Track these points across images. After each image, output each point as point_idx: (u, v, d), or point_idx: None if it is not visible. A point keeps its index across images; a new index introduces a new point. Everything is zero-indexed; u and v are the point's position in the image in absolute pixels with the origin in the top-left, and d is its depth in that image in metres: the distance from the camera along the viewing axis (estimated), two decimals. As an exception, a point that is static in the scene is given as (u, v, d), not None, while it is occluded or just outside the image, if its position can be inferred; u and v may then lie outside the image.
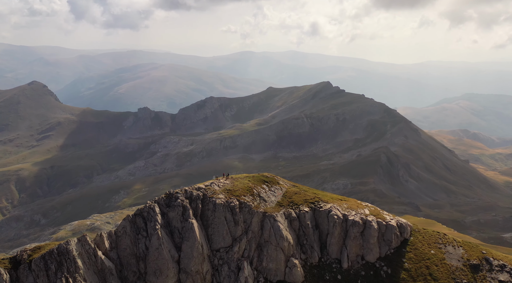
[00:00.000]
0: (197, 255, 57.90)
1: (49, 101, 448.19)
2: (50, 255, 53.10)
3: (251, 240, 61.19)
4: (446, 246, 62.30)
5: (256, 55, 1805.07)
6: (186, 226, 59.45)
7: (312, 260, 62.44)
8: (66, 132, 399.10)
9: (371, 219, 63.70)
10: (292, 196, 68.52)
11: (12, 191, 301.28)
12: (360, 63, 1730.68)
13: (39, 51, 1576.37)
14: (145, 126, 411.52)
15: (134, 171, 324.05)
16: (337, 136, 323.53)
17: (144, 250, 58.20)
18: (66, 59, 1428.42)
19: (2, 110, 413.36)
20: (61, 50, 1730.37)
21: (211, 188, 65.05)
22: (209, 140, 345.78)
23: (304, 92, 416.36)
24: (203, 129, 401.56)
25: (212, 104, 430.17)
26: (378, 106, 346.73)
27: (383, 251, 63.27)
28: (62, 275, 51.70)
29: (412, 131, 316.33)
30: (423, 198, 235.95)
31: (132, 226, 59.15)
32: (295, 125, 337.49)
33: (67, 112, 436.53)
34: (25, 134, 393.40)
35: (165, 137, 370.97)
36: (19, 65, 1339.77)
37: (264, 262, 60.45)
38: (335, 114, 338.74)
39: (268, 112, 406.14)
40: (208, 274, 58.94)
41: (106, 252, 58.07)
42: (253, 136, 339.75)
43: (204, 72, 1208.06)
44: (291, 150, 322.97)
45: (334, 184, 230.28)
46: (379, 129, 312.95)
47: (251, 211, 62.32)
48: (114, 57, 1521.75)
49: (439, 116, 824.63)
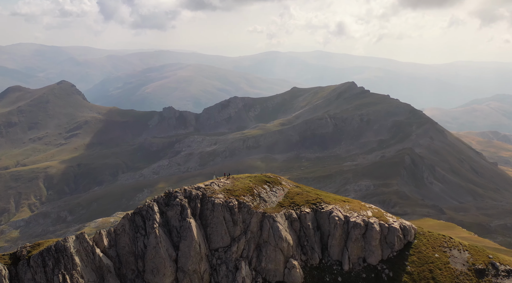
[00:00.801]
0: (195, 254, 57.94)
1: (77, 100, 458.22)
2: (48, 251, 54.09)
3: (250, 240, 60.91)
4: (451, 249, 60.82)
5: (282, 55, 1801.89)
6: (184, 225, 59.50)
7: (312, 262, 61.88)
8: (93, 131, 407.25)
9: (373, 221, 62.66)
10: (294, 196, 67.96)
11: (40, 188, 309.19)
12: (387, 64, 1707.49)
13: (69, 51, 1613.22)
14: (170, 126, 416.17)
15: (158, 170, 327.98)
16: (361, 137, 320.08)
17: (143, 248, 58.52)
18: (95, 59, 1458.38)
19: (32, 109, 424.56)
20: (91, 50, 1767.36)
21: (210, 188, 65.00)
22: (232, 140, 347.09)
23: (328, 92, 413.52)
24: (226, 129, 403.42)
25: (236, 104, 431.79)
26: (404, 107, 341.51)
27: (385, 253, 62.23)
28: (59, 272, 52.57)
29: (438, 133, 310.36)
30: (448, 200, 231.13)
31: (131, 225, 59.68)
32: (319, 126, 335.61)
33: (94, 111, 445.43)
34: (54, 132, 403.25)
35: (189, 137, 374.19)
36: (50, 65, 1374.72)
37: (263, 263, 60.16)
38: (359, 115, 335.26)
39: (292, 113, 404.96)
40: (206, 274, 58.94)
41: (104, 250, 58.56)
42: (276, 137, 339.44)
43: (230, 72, 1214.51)
44: (314, 150, 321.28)
45: (356, 185, 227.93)
46: (404, 131, 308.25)
47: (250, 211, 62.01)
48: (141, 57, 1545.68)
49: (468, 117, 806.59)
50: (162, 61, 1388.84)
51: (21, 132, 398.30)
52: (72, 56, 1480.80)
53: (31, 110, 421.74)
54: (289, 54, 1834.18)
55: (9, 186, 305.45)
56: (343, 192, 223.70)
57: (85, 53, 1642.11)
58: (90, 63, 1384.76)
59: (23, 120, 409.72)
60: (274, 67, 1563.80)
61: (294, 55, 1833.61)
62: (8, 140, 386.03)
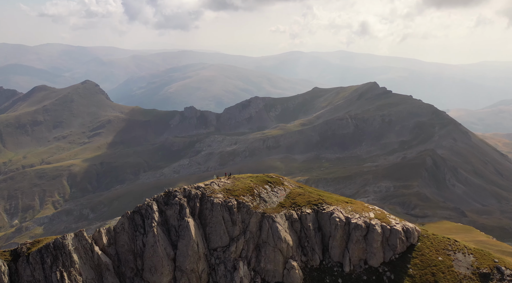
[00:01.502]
0: (192, 253, 57.94)
1: (101, 99, 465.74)
2: (47, 249, 54.86)
3: (249, 240, 60.61)
4: (456, 253, 59.34)
5: (305, 55, 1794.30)
6: (182, 225, 59.49)
7: (313, 263, 61.28)
8: (115, 130, 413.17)
9: (374, 222, 61.71)
10: (295, 197, 67.35)
11: (64, 185, 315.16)
12: (411, 64, 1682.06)
13: (95, 51, 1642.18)
14: (191, 125, 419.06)
15: (179, 169, 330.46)
16: (382, 138, 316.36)
17: (142, 246, 58.78)
18: (119, 59, 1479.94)
19: (57, 108, 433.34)
20: (115, 51, 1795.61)
21: (210, 187, 64.90)
22: (252, 140, 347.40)
23: (349, 93, 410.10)
24: (247, 129, 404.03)
25: (256, 104, 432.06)
26: (426, 107, 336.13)
27: (387, 256, 61.19)
28: (57, 269, 53.24)
29: (461, 134, 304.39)
30: (471, 203, 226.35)
31: (130, 223, 60.03)
32: (339, 126, 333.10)
33: (117, 110, 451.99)
34: (78, 131, 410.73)
35: (210, 136, 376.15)
36: (76, 65, 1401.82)
37: (262, 263, 59.84)
38: (380, 116, 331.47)
39: (313, 113, 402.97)
40: (204, 273, 58.86)
41: (104, 248, 58.97)
42: (296, 137, 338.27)
43: (252, 72, 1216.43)
44: (334, 151, 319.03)
45: (376, 186, 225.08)
46: (426, 132, 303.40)
47: (249, 211, 61.68)
48: (165, 57, 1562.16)
49: (495, 118, 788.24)
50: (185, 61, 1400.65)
51: (46, 131, 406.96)
52: (98, 56, 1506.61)
53: (56, 109, 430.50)
54: (312, 54, 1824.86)
55: (34, 183, 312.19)
56: (363, 193, 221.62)
57: (110, 53, 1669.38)
58: (115, 63, 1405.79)
59: (48, 119, 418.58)
60: (296, 68, 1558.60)
61: (317, 55, 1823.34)
62: (33, 138, 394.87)
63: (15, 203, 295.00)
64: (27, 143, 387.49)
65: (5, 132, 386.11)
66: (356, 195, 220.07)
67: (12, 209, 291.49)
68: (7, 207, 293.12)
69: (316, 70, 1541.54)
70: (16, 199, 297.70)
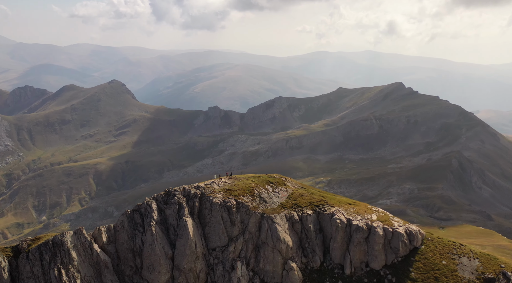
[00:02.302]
0: (190, 253, 57.99)
1: (127, 99, 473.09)
2: (46, 246, 55.75)
3: (248, 241, 60.31)
4: (461, 257, 57.82)
5: (331, 55, 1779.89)
6: (180, 224, 59.50)
7: (313, 264, 60.66)
8: (140, 129, 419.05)
9: (376, 224, 60.61)
10: (297, 198, 66.67)
11: (90, 183, 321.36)
12: (441, 64, 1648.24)
13: (123, 51, 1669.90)
14: (215, 125, 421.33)
15: (202, 168, 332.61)
16: (407, 139, 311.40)
17: (141, 245, 59.04)
18: (147, 59, 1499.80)
19: (85, 107, 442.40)
20: (143, 51, 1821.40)
21: (210, 187, 64.84)
22: (275, 140, 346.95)
23: (375, 93, 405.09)
24: (270, 129, 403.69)
25: (280, 104, 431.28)
26: (453, 108, 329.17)
27: (389, 258, 60.09)
28: (55, 266, 54.05)
29: (489, 136, 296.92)
30: (498, 207, 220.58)
31: (130, 222, 60.52)
32: (363, 127, 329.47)
33: (143, 110, 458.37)
34: (104, 130, 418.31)
35: (233, 136, 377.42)
36: (105, 65, 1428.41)
37: (261, 264, 59.51)
38: (406, 117, 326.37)
39: (337, 113, 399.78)
40: (202, 272, 58.82)
41: (103, 246, 59.47)
42: (320, 137, 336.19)
43: (278, 72, 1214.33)
44: (358, 152, 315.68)
45: (400, 188, 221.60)
46: (453, 133, 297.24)
47: (248, 211, 61.36)
48: (191, 57, 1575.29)
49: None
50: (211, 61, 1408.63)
51: (74, 130, 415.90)
52: (126, 56, 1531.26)
53: (83, 109, 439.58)
54: (338, 54, 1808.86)
55: (62, 180, 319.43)
56: (386, 194, 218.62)
57: (138, 53, 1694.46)
58: (142, 63, 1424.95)
59: (76, 118, 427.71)
60: (323, 68, 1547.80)
61: (344, 55, 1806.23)
62: (62, 137, 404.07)
63: (43, 199, 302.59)
64: (56, 141, 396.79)
65: (35, 131, 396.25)
66: (379, 197, 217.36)
67: (40, 206, 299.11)
68: (35, 203, 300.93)
69: (343, 70, 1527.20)
70: (44, 196, 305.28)
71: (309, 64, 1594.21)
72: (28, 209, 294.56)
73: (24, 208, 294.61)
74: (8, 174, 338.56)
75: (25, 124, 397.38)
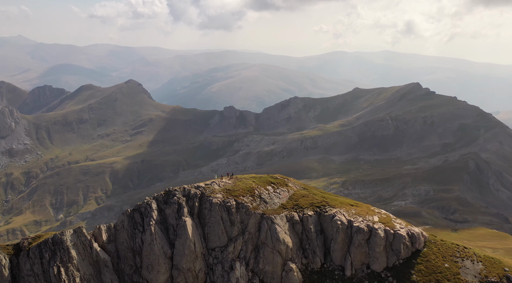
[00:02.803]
0: (189, 253, 58.06)
1: (143, 98, 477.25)
2: (45, 244, 56.46)
3: (247, 241, 60.16)
4: (464, 260, 56.90)
5: (348, 55, 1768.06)
6: (180, 224, 59.63)
7: (313, 265, 60.27)
8: (156, 128, 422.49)
9: (377, 226, 59.93)
10: (298, 198, 66.31)
11: (106, 182, 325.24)
12: (460, 64, 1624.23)
13: (141, 51, 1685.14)
14: (230, 125, 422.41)
15: (217, 168, 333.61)
16: (424, 140, 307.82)
17: (140, 244, 59.32)
18: (164, 59, 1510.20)
19: (102, 106, 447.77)
20: (160, 51, 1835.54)
21: (210, 187, 64.84)
22: (290, 140, 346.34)
23: (391, 93, 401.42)
24: (285, 129, 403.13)
25: (296, 104, 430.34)
26: (471, 109, 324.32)
27: (390, 261, 59.41)
28: (54, 264, 54.64)
29: (508, 137, 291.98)
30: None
31: (130, 221, 60.92)
32: (379, 128, 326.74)
33: (159, 109, 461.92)
34: (121, 129, 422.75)
35: (248, 136, 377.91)
36: (123, 65, 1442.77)
37: (261, 264, 59.29)
38: (422, 117, 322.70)
39: (353, 114, 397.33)
40: (201, 272, 58.83)
41: (103, 245, 59.90)
42: (335, 138, 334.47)
43: (294, 72, 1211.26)
44: (373, 152, 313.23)
45: (415, 189, 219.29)
46: (470, 134, 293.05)
47: (248, 212, 61.18)
48: (208, 57, 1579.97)
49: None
50: (227, 61, 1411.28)
51: (91, 129, 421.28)
52: (143, 56, 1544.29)
53: (100, 108, 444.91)
54: (356, 54, 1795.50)
55: (79, 179, 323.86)
56: (401, 196, 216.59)
57: (155, 53, 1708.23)
58: (160, 63, 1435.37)
59: (93, 117, 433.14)
60: (339, 68, 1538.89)
61: (361, 55, 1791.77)
62: (79, 136, 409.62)
63: (61, 198, 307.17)
64: (73, 140, 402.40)
65: (53, 130, 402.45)
66: (394, 198, 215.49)
67: (57, 204, 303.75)
68: (53, 201, 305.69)
69: (360, 70, 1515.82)
70: (62, 194, 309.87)
71: (326, 64, 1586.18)
72: (46, 207, 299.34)
73: (42, 206, 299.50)
74: (26, 172, 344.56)
75: (44, 123, 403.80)
